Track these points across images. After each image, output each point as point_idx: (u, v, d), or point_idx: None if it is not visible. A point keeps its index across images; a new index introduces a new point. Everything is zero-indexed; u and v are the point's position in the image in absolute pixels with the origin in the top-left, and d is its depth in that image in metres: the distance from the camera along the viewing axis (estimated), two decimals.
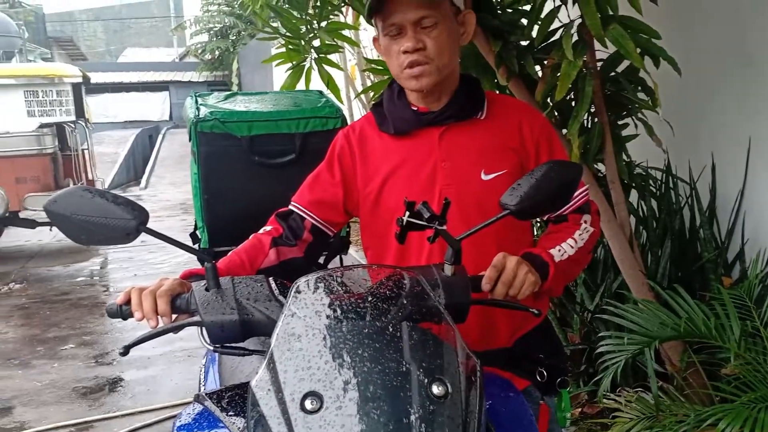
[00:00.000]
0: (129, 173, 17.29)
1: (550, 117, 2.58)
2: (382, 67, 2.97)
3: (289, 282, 1.19)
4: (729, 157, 2.87)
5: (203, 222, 2.43)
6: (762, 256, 2.65)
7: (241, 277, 1.25)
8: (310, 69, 3.20)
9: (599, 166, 2.72)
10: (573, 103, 2.55)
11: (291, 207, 1.60)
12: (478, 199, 1.48)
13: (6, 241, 9.49)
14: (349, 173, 1.58)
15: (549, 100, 2.58)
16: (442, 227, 1.22)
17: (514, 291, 1.28)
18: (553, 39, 2.54)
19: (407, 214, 1.25)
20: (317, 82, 3.13)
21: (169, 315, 1.24)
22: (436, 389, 0.98)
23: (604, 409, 2.68)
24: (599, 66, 2.51)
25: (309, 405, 0.95)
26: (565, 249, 1.45)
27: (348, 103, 8.30)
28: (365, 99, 7.55)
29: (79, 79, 8.63)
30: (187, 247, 1.28)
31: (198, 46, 23.89)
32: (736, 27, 2.83)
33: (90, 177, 9.29)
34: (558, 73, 2.35)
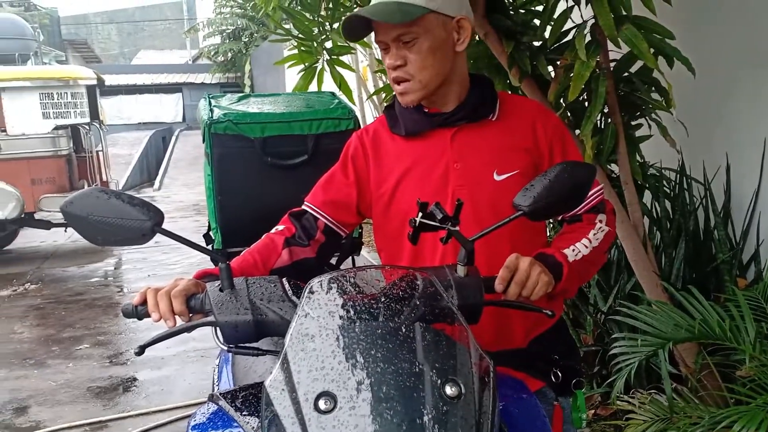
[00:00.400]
0: (143, 175, 17.40)
1: (563, 118, 2.57)
2: None
3: (302, 282, 1.20)
4: (744, 158, 2.85)
5: (216, 223, 2.44)
6: None
7: (255, 278, 1.26)
8: (322, 70, 3.21)
9: (612, 166, 2.71)
10: (586, 104, 2.55)
11: (304, 207, 1.61)
12: (491, 200, 1.48)
13: (21, 242, 9.58)
14: (363, 175, 1.59)
15: (562, 100, 2.57)
16: (455, 228, 1.23)
17: (527, 292, 1.27)
18: (566, 39, 2.54)
19: (420, 215, 1.25)
20: (329, 83, 3.14)
21: (186, 314, 1.25)
22: (449, 390, 0.98)
23: (617, 411, 2.67)
24: (612, 66, 2.50)
25: (323, 405, 0.95)
26: (580, 249, 1.43)
27: (360, 105, 8.32)
28: (377, 100, 7.56)
29: (94, 82, 8.69)
30: (201, 248, 1.29)
31: (211, 48, 24.00)
32: (750, 27, 2.81)
33: (104, 178, 9.34)
34: (571, 74, 2.35)
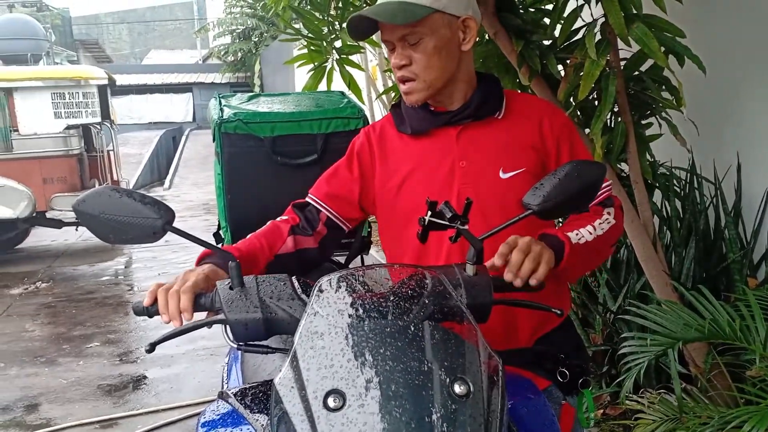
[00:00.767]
0: (153, 174, 17.48)
1: (572, 116, 2.56)
2: None
3: (311, 280, 1.20)
4: (755, 157, 2.83)
5: (226, 222, 2.45)
6: None
7: (265, 276, 1.26)
8: (331, 70, 3.22)
9: (622, 165, 2.70)
10: (596, 103, 2.54)
11: (308, 199, 1.61)
12: (497, 198, 1.48)
13: (33, 241, 9.65)
14: (368, 171, 1.59)
15: (572, 99, 2.56)
16: (464, 227, 1.23)
17: (529, 263, 1.24)
18: (576, 38, 2.53)
19: (429, 213, 1.25)
20: (339, 82, 3.14)
21: (191, 311, 1.23)
22: (458, 388, 0.98)
23: (626, 411, 2.66)
24: (623, 65, 2.49)
25: (332, 403, 0.95)
26: (583, 234, 1.42)
27: (369, 104, 8.33)
28: (386, 99, 7.56)
29: (105, 81, 8.74)
30: (211, 246, 1.30)
31: (221, 47, 24.10)
32: (761, 25, 2.79)
33: (115, 177, 9.40)
34: (581, 73, 2.34)
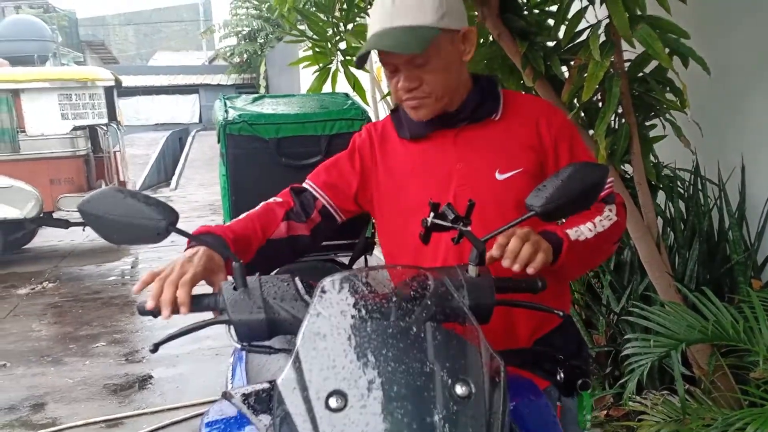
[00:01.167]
0: (159, 175, 17.53)
1: (576, 118, 2.56)
2: None
3: (314, 281, 1.21)
4: (759, 158, 2.83)
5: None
6: None
7: (268, 277, 1.27)
8: (336, 71, 3.23)
9: (626, 167, 2.70)
10: (600, 104, 2.54)
11: (305, 184, 1.62)
12: (494, 199, 1.47)
13: (40, 241, 9.70)
14: (369, 168, 1.60)
15: (576, 100, 2.56)
16: (466, 228, 1.23)
17: (528, 248, 1.24)
18: (580, 39, 2.53)
19: (432, 215, 1.26)
20: (343, 84, 3.15)
21: (188, 305, 1.21)
22: (459, 389, 0.98)
23: (629, 412, 2.66)
24: (627, 66, 2.49)
25: (334, 403, 0.96)
26: (583, 231, 1.42)
27: (374, 105, 8.32)
28: (391, 101, 7.56)
29: (111, 83, 8.77)
30: (216, 247, 1.30)
31: (227, 49, 24.15)
32: (766, 27, 2.79)
33: (121, 178, 9.44)
34: (585, 74, 2.34)
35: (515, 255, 1.24)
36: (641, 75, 2.55)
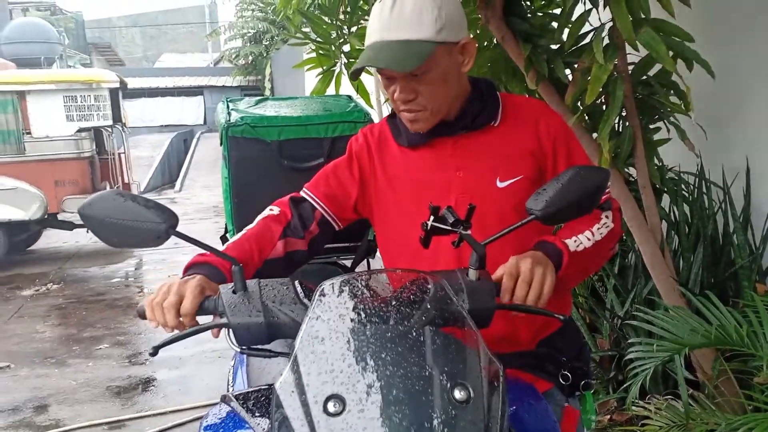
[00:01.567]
0: (164, 176, 17.57)
1: (580, 121, 2.56)
2: None
3: (313, 284, 1.21)
4: (764, 161, 2.81)
5: (233, 225, 2.46)
6: None
7: (267, 280, 1.27)
8: (340, 74, 3.23)
9: (630, 170, 2.69)
10: (604, 107, 2.53)
11: (304, 194, 1.59)
12: (495, 207, 1.46)
13: (44, 243, 9.73)
14: (367, 175, 1.58)
15: (579, 103, 2.56)
16: (466, 232, 1.23)
17: (534, 292, 1.25)
18: (584, 42, 2.53)
19: (432, 218, 1.26)
20: (347, 86, 3.15)
21: (192, 315, 1.25)
22: (458, 394, 0.98)
23: (633, 417, 2.65)
24: (630, 69, 2.48)
25: (332, 407, 0.96)
26: (582, 241, 1.41)
27: (378, 108, 8.32)
28: (394, 109, 7.56)
29: (117, 85, 8.81)
30: (214, 250, 1.30)
31: (232, 51, 24.22)
32: None
33: (126, 180, 9.46)
34: (588, 77, 2.33)
35: (523, 301, 1.25)
36: (645, 78, 2.54)
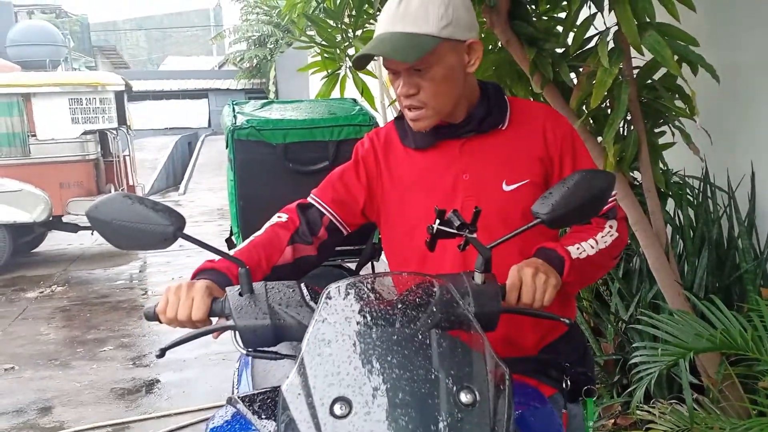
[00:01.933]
0: (168, 179, 17.60)
1: (585, 124, 2.56)
2: None
3: (320, 287, 1.21)
4: None
5: (238, 228, 2.47)
6: None
7: (274, 283, 1.27)
8: (344, 77, 3.24)
9: (635, 174, 2.69)
10: (609, 111, 2.53)
11: (311, 201, 1.60)
12: (500, 211, 1.47)
13: (49, 245, 9.75)
14: (374, 179, 1.59)
15: (584, 107, 2.56)
16: (472, 235, 1.23)
17: (538, 303, 1.27)
18: (589, 46, 2.53)
19: (438, 221, 1.26)
20: (352, 90, 3.16)
21: (205, 315, 1.27)
22: (464, 397, 0.98)
23: (637, 421, 2.64)
24: (635, 73, 2.48)
25: (338, 410, 0.96)
26: (585, 248, 1.42)
27: (382, 111, 8.32)
28: (399, 107, 7.58)
29: (122, 87, 8.84)
30: (221, 252, 1.31)
31: (236, 54, 24.29)
32: None
33: (131, 182, 9.48)
34: (593, 81, 2.33)
35: (531, 303, 1.28)
36: (650, 82, 2.54)
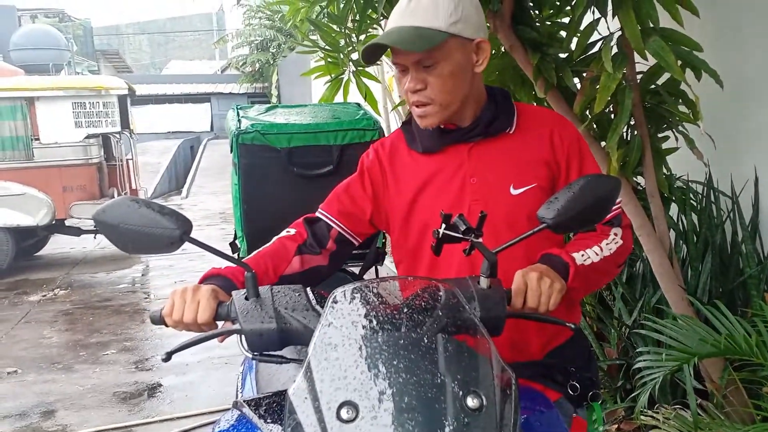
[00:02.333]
0: (171, 183, 17.64)
1: (588, 129, 2.56)
2: None
3: (324, 291, 1.21)
4: None
5: (243, 232, 2.48)
6: None
7: (280, 287, 1.28)
8: (348, 81, 3.25)
9: (638, 179, 2.69)
10: (612, 116, 2.53)
11: (318, 214, 1.61)
12: (506, 214, 1.47)
13: (52, 249, 9.77)
14: (380, 189, 1.59)
15: (588, 112, 2.56)
16: (478, 240, 1.23)
17: (543, 308, 1.27)
18: (592, 51, 2.53)
19: (443, 226, 1.26)
20: (355, 94, 3.17)
21: (210, 320, 1.27)
22: (471, 401, 0.98)
23: (641, 426, 2.64)
24: (639, 78, 2.48)
25: (345, 414, 0.96)
26: (589, 255, 1.42)
27: (385, 115, 8.34)
28: (402, 111, 7.58)
29: (125, 91, 8.86)
30: (227, 256, 1.31)
31: (239, 58, 24.34)
32: None
33: (133, 186, 9.50)
34: (597, 86, 2.33)
35: (536, 307, 1.28)
36: (653, 87, 2.54)
